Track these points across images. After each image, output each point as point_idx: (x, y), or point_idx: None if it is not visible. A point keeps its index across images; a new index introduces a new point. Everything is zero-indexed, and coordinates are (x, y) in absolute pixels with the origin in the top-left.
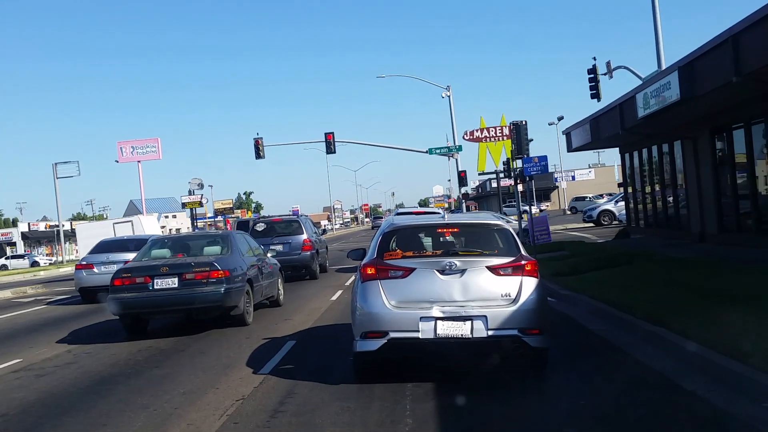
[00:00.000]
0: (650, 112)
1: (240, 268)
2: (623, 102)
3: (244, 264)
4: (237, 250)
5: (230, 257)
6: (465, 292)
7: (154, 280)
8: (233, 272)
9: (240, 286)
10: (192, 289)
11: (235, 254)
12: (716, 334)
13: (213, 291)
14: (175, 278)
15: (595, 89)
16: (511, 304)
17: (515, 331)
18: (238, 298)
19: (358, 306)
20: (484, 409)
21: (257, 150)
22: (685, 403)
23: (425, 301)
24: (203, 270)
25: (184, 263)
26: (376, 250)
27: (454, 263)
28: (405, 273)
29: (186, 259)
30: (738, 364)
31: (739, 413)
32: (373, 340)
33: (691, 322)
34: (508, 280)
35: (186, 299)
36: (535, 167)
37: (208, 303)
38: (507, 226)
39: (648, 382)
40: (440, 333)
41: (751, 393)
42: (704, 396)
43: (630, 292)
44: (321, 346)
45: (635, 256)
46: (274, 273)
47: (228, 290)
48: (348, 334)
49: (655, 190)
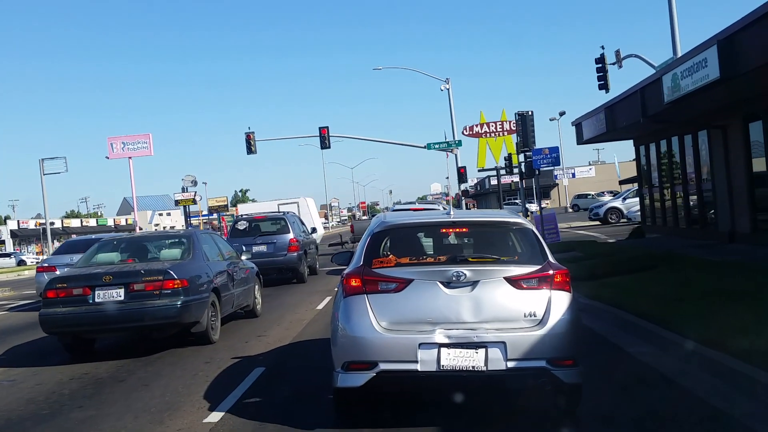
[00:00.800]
0: (681, 95)
1: (204, 276)
2: (645, 86)
3: (210, 270)
4: (200, 254)
5: (191, 262)
6: (477, 311)
7: (95, 291)
8: (194, 281)
9: (202, 297)
10: (141, 302)
11: (198, 259)
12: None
13: (167, 305)
14: (120, 289)
15: (603, 80)
16: (538, 327)
17: (543, 362)
18: (200, 312)
19: (340, 328)
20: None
21: (248, 145)
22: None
23: (426, 323)
24: (155, 279)
25: (132, 271)
26: (362, 256)
27: (463, 273)
28: (399, 285)
29: (136, 265)
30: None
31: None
32: (358, 373)
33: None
34: (534, 296)
35: (133, 315)
36: (546, 159)
37: (161, 319)
38: (529, 225)
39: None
40: (445, 364)
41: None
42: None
43: (670, 304)
44: (297, 373)
45: (659, 259)
46: (250, 279)
47: (186, 303)
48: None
49: (675, 185)
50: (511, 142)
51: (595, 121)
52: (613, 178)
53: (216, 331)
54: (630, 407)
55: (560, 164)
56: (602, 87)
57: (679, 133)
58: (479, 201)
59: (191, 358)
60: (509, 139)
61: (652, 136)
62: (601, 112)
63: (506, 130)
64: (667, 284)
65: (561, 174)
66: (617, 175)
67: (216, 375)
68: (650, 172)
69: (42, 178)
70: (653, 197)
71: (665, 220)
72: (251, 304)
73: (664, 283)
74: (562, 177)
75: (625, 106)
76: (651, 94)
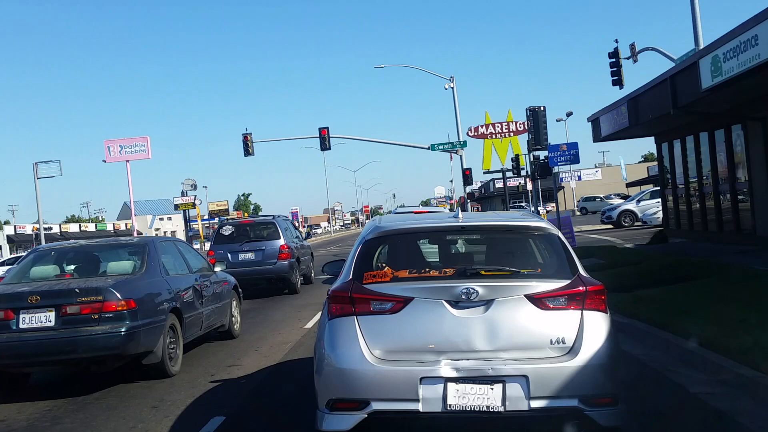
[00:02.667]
0: (723, 80)
1: (160, 294)
2: (676, 74)
3: (169, 286)
4: (157, 267)
5: (142, 278)
6: (493, 338)
7: (20, 315)
8: (146, 301)
9: (156, 321)
10: (75, 328)
11: (153, 273)
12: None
13: (107, 332)
14: (50, 312)
15: (617, 75)
16: (568, 357)
17: (575, 401)
18: (153, 340)
19: (325, 357)
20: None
21: (246, 146)
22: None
23: (429, 352)
24: (93, 299)
25: (65, 289)
26: (352, 269)
27: (475, 290)
28: (397, 305)
29: (71, 282)
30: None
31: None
32: (346, 414)
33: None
34: (562, 318)
35: (64, 345)
36: (563, 156)
37: (99, 350)
38: (555, 231)
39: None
40: (452, 404)
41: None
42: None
43: (738, 329)
44: (267, 425)
45: (696, 267)
46: (225, 294)
47: (133, 329)
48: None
49: (704, 186)
50: (517, 143)
51: (616, 115)
52: (619, 181)
53: (176, 361)
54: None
55: (579, 161)
56: (616, 83)
57: (709, 128)
58: (483, 204)
59: (137, 400)
60: (515, 140)
61: (677, 132)
62: (623, 105)
63: (512, 131)
64: (720, 300)
65: (568, 176)
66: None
67: (159, 429)
68: (674, 172)
69: (36, 181)
70: (677, 199)
71: (691, 224)
72: (227, 324)
73: (716, 299)
74: (569, 179)
75: (652, 97)
76: (684, 82)
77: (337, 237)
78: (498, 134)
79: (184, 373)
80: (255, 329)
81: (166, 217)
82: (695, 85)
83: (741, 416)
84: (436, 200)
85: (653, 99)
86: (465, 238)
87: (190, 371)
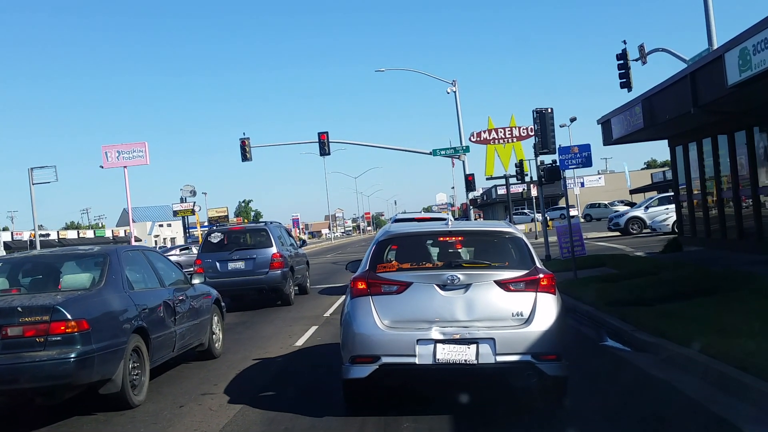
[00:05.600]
0: (753, 74)
1: (122, 312)
2: (697, 70)
3: (133, 303)
4: (118, 281)
5: (99, 294)
6: (470, 311)
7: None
8: (102, 321)
9: (116, 344)
10: (17, 354)
11: (113, 287)
12: None
13: (54, 358)
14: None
15: (626, 77)
16: (524, 325)
17: (528, 357)
18: (110, 366)
19: (348, 326)
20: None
21: (243, 151)
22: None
23: (423, 321)
24: (38, 320)
25: (5, 308)
26: (368, 262)
27: (457, 277)
28: (400, 288)
29: (14, 299)
30: None
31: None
32: (363, 366)
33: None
34: (521, 297)
35: (4, 373)
36: (575, 159)
37: (45, 380)
38: (519, 234)
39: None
40: (440, 358)
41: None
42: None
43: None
44: None
45: (721, 279)
46: (204, 309)
47: (85, 355)
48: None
49: (723, 191)
50: (520, 149)
51: (629, 116)
52: (622, 188)
53: (140, 389)
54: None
55: (592, 164)
56: (624, 85)
57: (728, 130)
58: (485, 211)
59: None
60: (519, 146)
61: (693, 135)
62: (637, 105)
63: (516, 136)
64: (758, 316)
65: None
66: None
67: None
68: (689, 176)
69: (31, 187)
70: (693, 205)
71: (708, 231)
72: (206, 342)
73: (753, 315)
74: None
75: (670, 96)
76: (706, 78)
77: (338, 244)
78: (501, 139)
79: (149, 403)
80: (240, 347)
81: (165, 224)
82: (719, 82)
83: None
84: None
85: (671, 98)
86: (451, 240)
87: (157, 401)
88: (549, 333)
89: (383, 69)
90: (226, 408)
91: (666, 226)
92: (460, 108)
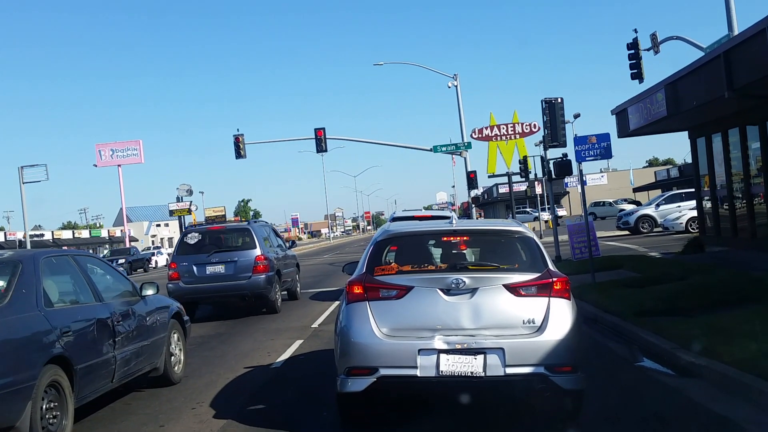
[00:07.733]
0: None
1: (31, 337)
2: (732, 48)
3: (50, 325)
4: (30, 296)
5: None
6: (476, 318)
7: None
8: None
9: (20, 380)
10: None
11: (20, 305)
12: None
13: None
14: None
15: (637, 67)
16: (536, 334)
17: (541, 369)
18: (13, 410)
19: (342, 334)
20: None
21: (237, 148)
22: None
23: (425, 329)
24: None
25: None
26: (365, 264)
27: (462, 280)
28: (400, 293)
29: None
30: None
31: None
32: (360, 378)
33: None
34: (533, 303)
35: None
36: (593, 150)
37: None
38: (530, 234)
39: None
40: (444, 370)
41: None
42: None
43: None
44: None
45: (762, 284)
46: (159, 326)
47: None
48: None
49: (753, 186)
50: (523, 146)
51: (649, 103)
52: (625, 186)
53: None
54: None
55: (612, 156)
56: (635, 76)
57: (759, 120)
58: (486, 210)
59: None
60: (521, 143)
61: (717, 125)
62: (660, 91)
63: (519, 133)
64: None
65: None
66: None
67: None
68: (713, 170)
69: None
70: (717, 202)
71: (735, 230)
72: (161, 366)
73: None
74: (575, 184)
75: (699, 79)
76: (743, 57)
77: (336, 244)
78: (503, 136)
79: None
80: (207, 368)
81: (163, 224)
82: (761, 59)
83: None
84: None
85: (700, 81)
86: (455, 240)
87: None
88: (564, 342)
89: (382, 63)
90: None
91: (679, 225)
92: (462, 103)
